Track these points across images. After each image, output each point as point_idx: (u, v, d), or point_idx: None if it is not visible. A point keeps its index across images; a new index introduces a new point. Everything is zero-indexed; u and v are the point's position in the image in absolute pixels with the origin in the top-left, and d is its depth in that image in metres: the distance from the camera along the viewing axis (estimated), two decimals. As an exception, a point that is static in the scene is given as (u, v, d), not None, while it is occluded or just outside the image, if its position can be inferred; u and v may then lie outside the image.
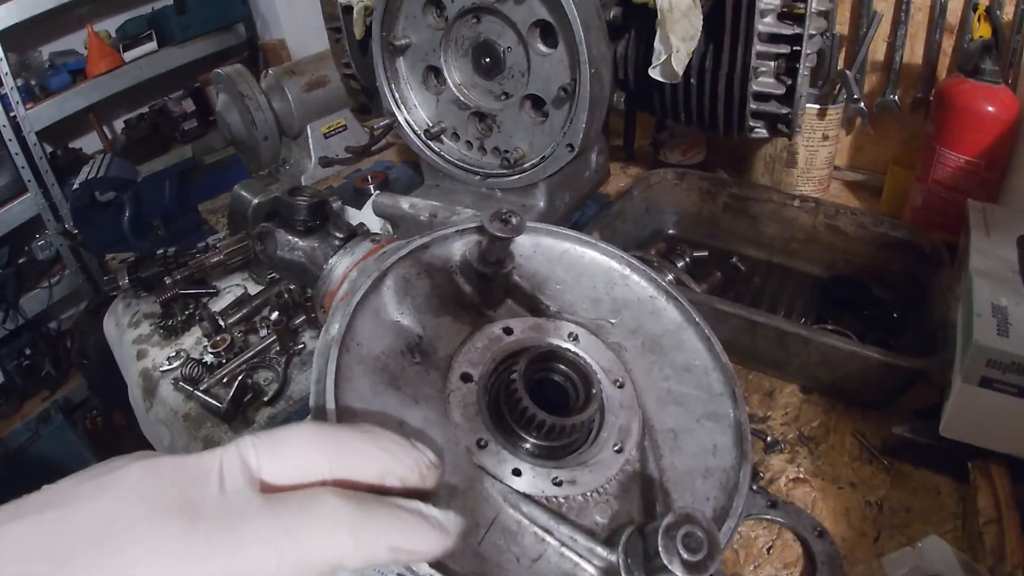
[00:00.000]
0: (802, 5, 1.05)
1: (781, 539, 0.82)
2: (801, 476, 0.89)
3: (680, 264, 1.11)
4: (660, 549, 0.45)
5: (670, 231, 1.36)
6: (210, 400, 1.08)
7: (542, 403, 0.56)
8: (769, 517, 0.83)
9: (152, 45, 3.42)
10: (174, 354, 1.23)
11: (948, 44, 1.36)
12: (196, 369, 1.15)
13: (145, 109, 3.72)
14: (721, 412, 0.66)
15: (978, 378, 0.76)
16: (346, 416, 0.52)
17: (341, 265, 0.75)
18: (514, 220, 0.60)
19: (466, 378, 0.60)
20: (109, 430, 3.13)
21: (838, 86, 1.36)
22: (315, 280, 0.77)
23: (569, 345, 0.65)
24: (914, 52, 1.41)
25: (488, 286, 0.66)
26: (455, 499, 0.52)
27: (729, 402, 0.66)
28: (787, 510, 0.83)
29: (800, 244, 1.25)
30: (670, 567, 0.45)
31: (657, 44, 1.07)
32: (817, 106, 1.33)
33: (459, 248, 0.69)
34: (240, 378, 1.10)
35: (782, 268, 1.27)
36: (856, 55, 1.41)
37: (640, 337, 0.69)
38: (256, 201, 1.29)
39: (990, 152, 1.16)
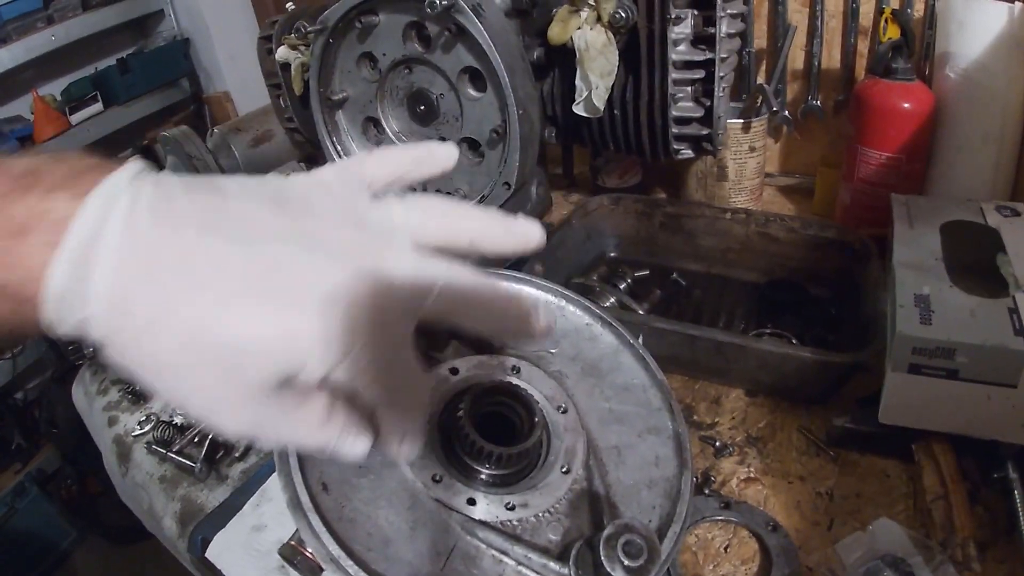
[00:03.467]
0: (712, 30, 1.10)
1: (737, 537, 0.86)
2: (752, 476, 0.94)
3: (622, 286, 1.15)
4: (603, 559, 0.50)
5: (612, 254, 1.41)
6: (184, 460, 1.11)
7: (491, 435, 0.60)
8: (723, 518, 0.87)
9: (98, 106, 3.40)
10: (144, 418, 1.25)
11: (864, 46, 1.44)
12: (167, 431, 1.17)
13: (96, 171, 3.70)
14: (661, 425, 0.71)
15: (906, 365, 0.80)
16: (308, 465, 0.56)
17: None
18: (448, 270, 0.65)
19: (418, 419, 0.64)
20: (85, 497, 3.10)
21: (759, 99, 1.43)
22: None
23: (512, 378, 0.69)
24: (831, 57, 1.48)
25: (432, 331, 0.70)
26: (416, 532, 0.56)
27: (667, 415, 0.71)
28: (740, 509, 0.88)
29: (736, 254, 1.30)
30: (613, 573, 0.50)
31: (578, 82, 1.12)
32: (740, 120, 1.39)
33: (403, 298, 0.73)
34: (210, 436, 1.13)
35: (721, 278, 1.32)
36: (775, 67, 1.48)
37: (579, 363, 0.74)
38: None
39: (910, 146, 1.22)
